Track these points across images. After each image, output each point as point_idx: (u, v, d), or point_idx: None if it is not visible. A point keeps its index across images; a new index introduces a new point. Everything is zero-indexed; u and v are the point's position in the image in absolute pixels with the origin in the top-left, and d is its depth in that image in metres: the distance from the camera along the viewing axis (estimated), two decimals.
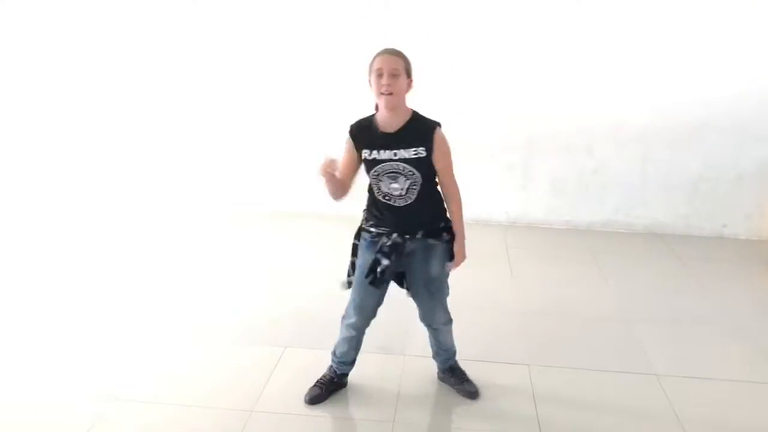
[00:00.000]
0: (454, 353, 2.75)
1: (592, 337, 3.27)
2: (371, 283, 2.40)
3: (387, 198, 2.37)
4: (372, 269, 2.39)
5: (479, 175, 4.87)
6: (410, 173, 2.31)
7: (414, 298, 2.58)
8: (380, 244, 2.40)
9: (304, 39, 4.85)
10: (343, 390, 2.71)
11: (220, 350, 3.06)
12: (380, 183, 2.36)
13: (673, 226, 4.97)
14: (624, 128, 4.80)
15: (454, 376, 2.74)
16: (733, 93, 4.63)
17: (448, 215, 2.48)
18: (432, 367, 2.80)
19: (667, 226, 4.98)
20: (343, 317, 2.60)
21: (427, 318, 2.61)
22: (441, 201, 2.45)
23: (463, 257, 2.47)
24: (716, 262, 4.41)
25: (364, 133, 2.36)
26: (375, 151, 2.32)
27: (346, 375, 2.72)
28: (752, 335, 3.33)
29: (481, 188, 4.94)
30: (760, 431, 2.55)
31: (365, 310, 2.52)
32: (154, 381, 2.79)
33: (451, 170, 2.42)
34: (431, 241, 2.44)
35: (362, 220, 2.52)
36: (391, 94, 2.25)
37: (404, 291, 2.61)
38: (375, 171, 2.34)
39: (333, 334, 3.18)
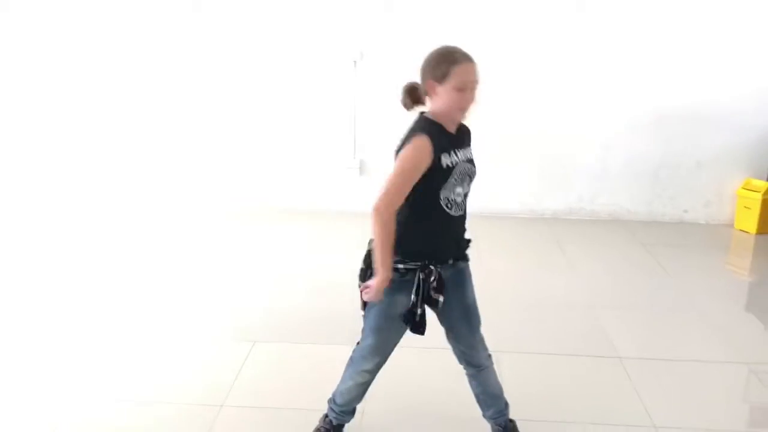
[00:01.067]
0: (506, 401, 2.31)
1: (559, 323, 3.34)
2: (418, 324, 2.04)
3: (449, 206, 2.02)
4: (412, 312, 2.03)
5: None
6: (474, 173, 2.10)
7: (450, 335, 2.22)
8: (426, 279, 2.01)
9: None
10: (311, 382, 2.69)
11: (188, 345, 3.04)
12: (448, 190, 2.01)
13: (636, 213, 5.08)
14: (585, 117, 4.89)
15: None
16: (692, 82, 4.75)
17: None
18: (402, 356, 2.75)
19: (630, 213, 5.08)
20: (354, 362, 2.22)
21: (468, 356, 2.22)
22: None
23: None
24: (677, 248, 4.52)
25: (437, 137, 1.98)
26: (448, 155, 1.99)
27: (343, 426, 2.35)
28: (712, 317, 3.43)
29: None
30: (719, 409, 2.64)
31: (388, 350, 2.18)
32: (122, 377, 2.76)
33: None
34: (460, 264, 2.16)
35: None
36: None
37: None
38: (451, 178, 2.00)
39: (303, 328, 3.21)
